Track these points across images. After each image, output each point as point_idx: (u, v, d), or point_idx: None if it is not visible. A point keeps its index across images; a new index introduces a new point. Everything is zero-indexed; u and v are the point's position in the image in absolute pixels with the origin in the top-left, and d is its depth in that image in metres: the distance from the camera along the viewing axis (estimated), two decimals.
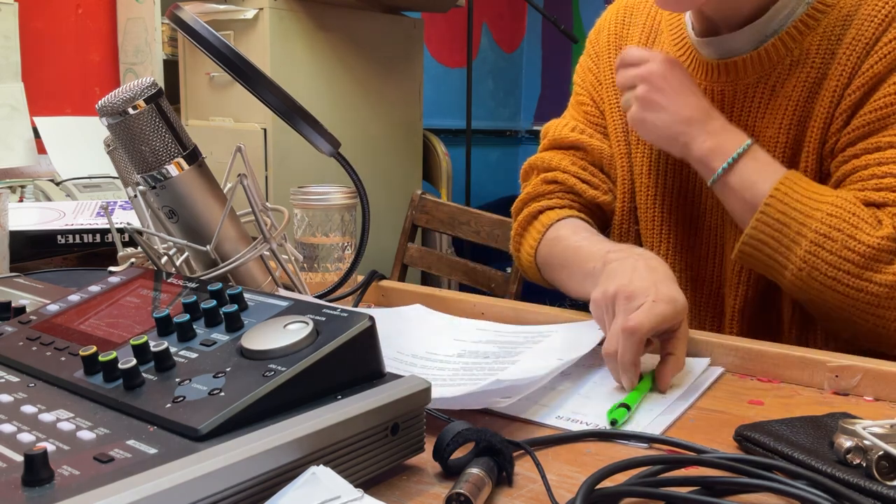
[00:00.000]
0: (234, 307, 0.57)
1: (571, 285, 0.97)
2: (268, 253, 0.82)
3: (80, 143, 2.39)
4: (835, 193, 0.86)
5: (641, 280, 0.78)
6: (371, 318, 0.54)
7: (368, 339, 0.54)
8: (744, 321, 0.99)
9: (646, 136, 0.97)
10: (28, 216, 1.24)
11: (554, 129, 1.13)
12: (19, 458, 0.43)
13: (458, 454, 0.56)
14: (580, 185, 1.06)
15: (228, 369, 0.51)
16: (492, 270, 1.72)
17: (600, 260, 0.88)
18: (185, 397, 0.49)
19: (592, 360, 0.81)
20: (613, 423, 0.66)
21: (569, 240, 1.00)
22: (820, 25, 0.92)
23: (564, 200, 1.07)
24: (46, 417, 0.49)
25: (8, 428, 0.48)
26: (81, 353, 0.54)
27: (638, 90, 0.94)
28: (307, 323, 0.53)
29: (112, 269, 0.89)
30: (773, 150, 0.94)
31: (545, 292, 1.09)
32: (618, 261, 0.84)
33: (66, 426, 0.48)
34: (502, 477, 0.55)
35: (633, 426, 0.66)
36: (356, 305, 0.99)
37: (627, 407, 0.67)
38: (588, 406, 0.70)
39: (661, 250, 1.04)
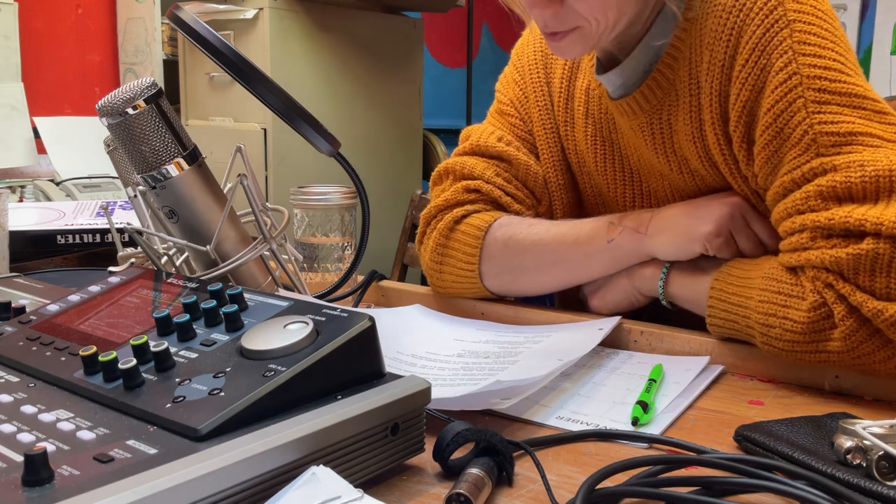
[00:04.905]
0: (234, 307, 0.57)
1: (560, 274, 0.93)
2: (268, 253, 0.82)
3: (80, 143, 2.40)
4: (761, 273, 0.79)
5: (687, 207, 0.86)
6: (371, 319, 0.54)
7: (368, 340, 0.54)
8: None
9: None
10: (28, 216, 1.24)
11: (477, 134, 1.03)
12: (19, 458, 0.43)
13: (458, 454, 0.56)
14: (505, 198, 0.98)
15: (228, 369, 0.51)
16: None
17: (613, 230, 0.87)
18: (185, 397, 0.49)
19: (592, 360, 0.81)
20: (635, 421, 0.66)
21: (534, 228, 0.94)
22: (685, 47, 0.85)
23: (489, 208, 0.98)
24: (46, 417, 0.49)
25: (8, 428, 0.48)
26: (81, 353, 0.54)
27: None
28: (307, 323, 0.53)
29: (112, 269, 0.89)
30: (709, 180, 0.88)
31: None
32: (657, 213, 0.87)
33: (66, 426, 0.48)
34: (502, 477, 0.55)
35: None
36: (356, 305, 0.99)
37: (645, 404, 0.67)
38: (588, 406, 0.70)
39: None
